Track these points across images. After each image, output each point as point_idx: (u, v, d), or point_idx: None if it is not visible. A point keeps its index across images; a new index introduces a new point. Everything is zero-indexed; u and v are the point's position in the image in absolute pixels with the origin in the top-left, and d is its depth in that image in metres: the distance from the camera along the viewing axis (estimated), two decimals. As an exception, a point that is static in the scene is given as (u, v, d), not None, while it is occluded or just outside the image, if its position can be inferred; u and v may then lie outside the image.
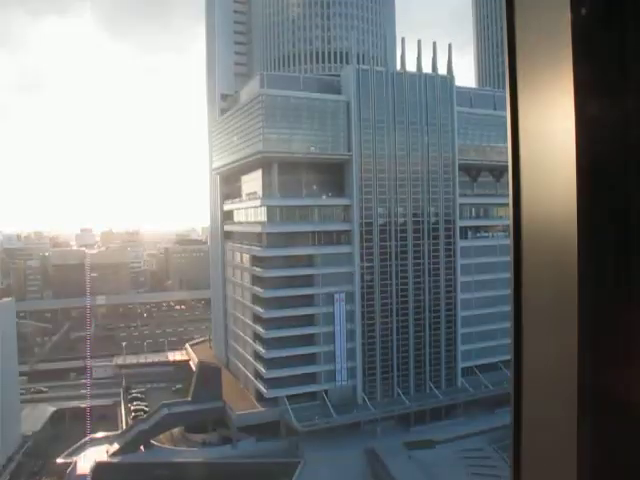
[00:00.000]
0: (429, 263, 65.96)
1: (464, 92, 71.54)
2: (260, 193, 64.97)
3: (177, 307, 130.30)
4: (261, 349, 61.52)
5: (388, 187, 63.96)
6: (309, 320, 62.00)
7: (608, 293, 1.43)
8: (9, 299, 63.35)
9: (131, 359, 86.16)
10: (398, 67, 69.00)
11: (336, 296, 62.47)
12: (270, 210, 61.20)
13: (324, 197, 62.88)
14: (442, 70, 67.53)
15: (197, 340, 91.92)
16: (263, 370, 61.10)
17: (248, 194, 68.42)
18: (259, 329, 61.96)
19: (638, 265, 1.43)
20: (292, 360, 60.81)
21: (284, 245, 61.31)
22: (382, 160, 63.68)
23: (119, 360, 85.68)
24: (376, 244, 63.48)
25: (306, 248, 61.45)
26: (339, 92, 64.69)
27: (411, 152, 65.15)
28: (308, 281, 61.73)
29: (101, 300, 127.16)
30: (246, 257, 66.67)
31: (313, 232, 61.78)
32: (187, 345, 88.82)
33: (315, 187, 64.11)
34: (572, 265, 1.38)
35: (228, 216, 76.12)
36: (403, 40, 67.30)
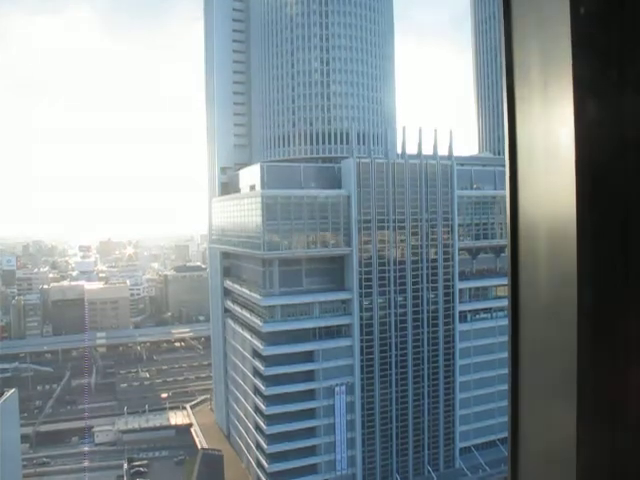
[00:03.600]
0: (428, 351, 66.64)
1: (465, 171, 71.72)
2: (260, 282, 65.27)
3: (177, 345, 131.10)
4: (264, 443, 62.36)
5: (388, 278, 64.34)
6: (310, 413, 62.79)
7: (607, 294, 1.44)
8: (12, 390, 63.83)
9: (132, 422, 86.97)
10: (399, 148, 69.00)
11: (337, 389, 63.24)
12: (271, 307, 61.68)
13: (325, 292, 63.21)
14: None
15: (198, 400, 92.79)
16: (266, 464, 62.00)
17: (249, 282, 68.68)
18: (261, 424, 62.71)
19: (637, 266, 1.44)
20: (294, 453, 61.77)
21: (285, 341, 61.78)
22: (382, 252, 64.01)
23: (120, 423, 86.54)
24: (376, 336, 64.09)
25: (307, 344, 61.99)
26: (339, 182, 64.76)
27: (411, 241, 65.46)
28: (309, 375, 62.43)
29: (101, 338, 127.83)
30: (248, 346, 67.12)
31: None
32: (188, 407, 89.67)
33: (316, 278, 64.48)
34: (571, 266, 1.40)
35: (228, 292, 76.56)
36: (404, 129, 67.30)
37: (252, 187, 65.61)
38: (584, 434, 1.42)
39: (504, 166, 1.71)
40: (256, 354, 63.75)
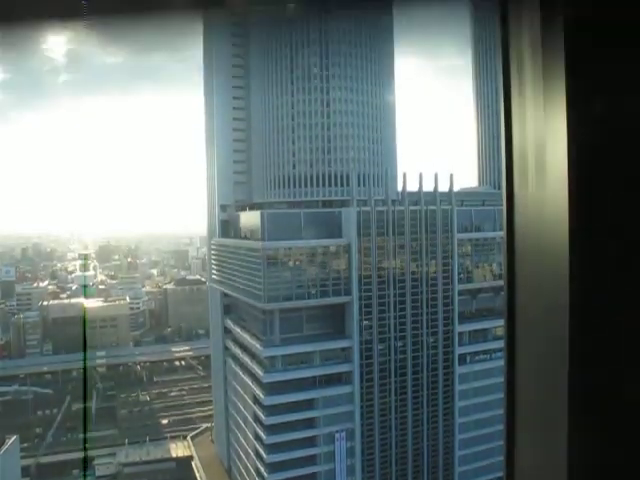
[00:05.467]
0: (428, 394, 67.08)
1: (465, 212, 71.78)
2: (261, 328, 65.46)
3: (177, 364, 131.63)
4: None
5: (388, 325, 64.65)
6: (311, 460, 63.34)
7: (598, 298, 1.46)
8: (14, 438, 64.11)
9: (133, 454, 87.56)
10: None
11: (337, 435, 63.73)
12: (272, 358, 62.02)
13: (325, 339, 63.56)
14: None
15: (198, 429, 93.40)
16: (266, 511, 62.63)
17: (249, 324, 68.94)
18: (263, 471, 63.25)
19: (630, 272, 1.45)
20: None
21: (286, 390, 62.08)
22: (383, 300, 64.22)
23: (121, 455, 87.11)
24: (376, 382, 64.53)
25: (308, 392, 62.35)
26: (340, 229, 64.80)
27: (411, 287, 65.65)
28: (310, 422, 62.88)
29: (101, 357, 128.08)
30: (249, 392, 67.42)
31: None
32: (188, 438, 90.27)
33: (317, 324, 64.78)
34: (564, 271, 1.42)
35: (229, 331, 76.82)
36: (405, 175, 67.32)
37: (252, 232, 65.74)
38: (577, 455, 1.43)
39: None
40: (257, 401, 64.11)
